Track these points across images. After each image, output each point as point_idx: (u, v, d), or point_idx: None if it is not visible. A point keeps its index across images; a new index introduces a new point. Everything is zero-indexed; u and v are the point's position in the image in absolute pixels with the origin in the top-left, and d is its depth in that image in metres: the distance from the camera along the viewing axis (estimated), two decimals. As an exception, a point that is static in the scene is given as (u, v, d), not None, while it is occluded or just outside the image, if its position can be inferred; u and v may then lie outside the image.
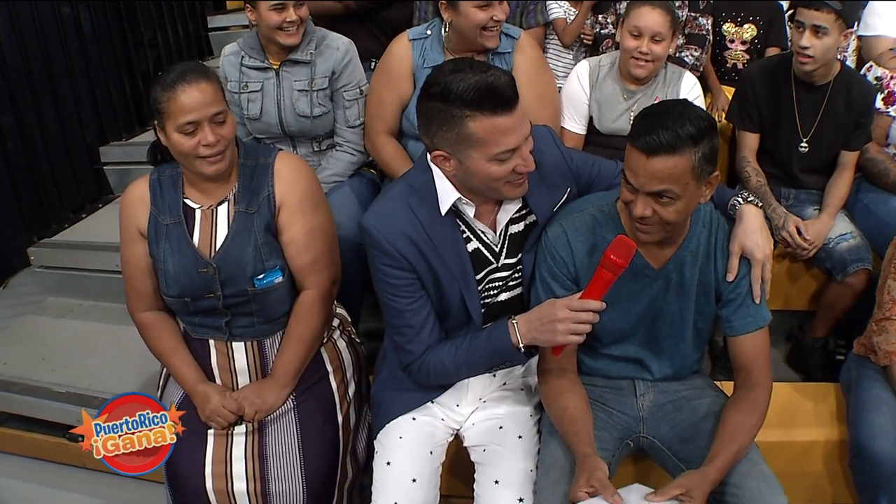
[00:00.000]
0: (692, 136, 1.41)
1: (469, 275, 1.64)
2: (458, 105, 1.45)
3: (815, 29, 2.22)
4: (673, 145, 1.40)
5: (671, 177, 1.42)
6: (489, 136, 1.46)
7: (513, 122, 1.47)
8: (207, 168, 1.71)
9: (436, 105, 1.48)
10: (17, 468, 2.57)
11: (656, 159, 1.41)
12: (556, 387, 1.66)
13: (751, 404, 1.60)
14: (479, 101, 1.44)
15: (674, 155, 1.41)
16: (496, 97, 1.44)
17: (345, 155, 2.42)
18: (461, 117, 1.46)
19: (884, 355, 1.92)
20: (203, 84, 1.66)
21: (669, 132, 1.40)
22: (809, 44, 2.24)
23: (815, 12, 2.21)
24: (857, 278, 2.25)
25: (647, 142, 1.41)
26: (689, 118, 1.42)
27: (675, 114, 1.43)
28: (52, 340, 2.83)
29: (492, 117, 1.45)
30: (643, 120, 1.45)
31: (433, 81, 1.49)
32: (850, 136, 2.40)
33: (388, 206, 1.63)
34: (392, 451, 1.73)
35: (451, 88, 1.45)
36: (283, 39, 2.27)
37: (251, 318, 1.84)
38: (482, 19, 2.18)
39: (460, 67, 1.48)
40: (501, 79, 1.46)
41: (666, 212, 1.46)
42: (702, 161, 1.43)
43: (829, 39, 2.23)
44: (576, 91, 2.46)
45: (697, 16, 2.81)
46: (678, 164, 1.41)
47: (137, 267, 1.83)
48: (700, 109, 1.48)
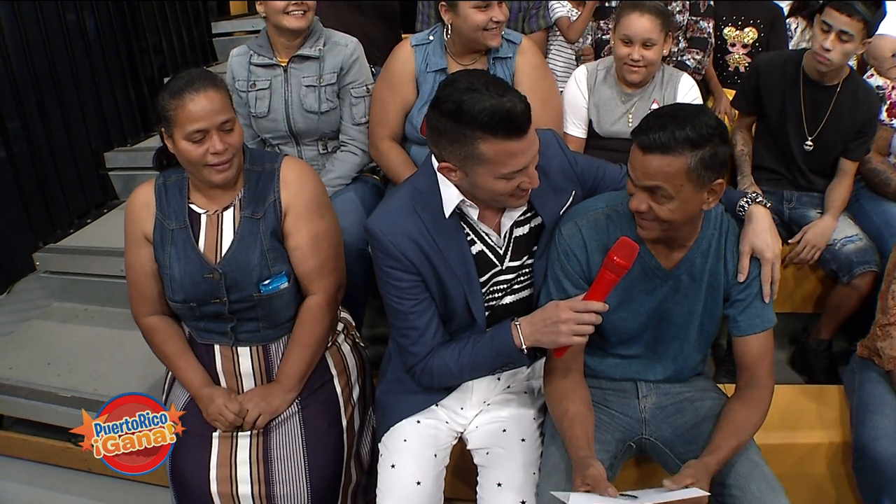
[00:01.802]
0: (689, 140, 1.42)
1: (473, 277, 1.65)
2: (470, 127, 1.45)
3: (840, 33, 2.23)
4: (667, 146, 1.42)
5: (662, 175, 1.44)
6: (499, 158, 1.47)
7: (524, 145, 1.47)
8: (215, 176, 1.72)
9: (447, 122, 1.47)
10: (22, 472, 2.58)
11: (650, 157, 1.44)
12: (559, 388, 1.66)
13: (755, 402, 1.61)
14: (493, 126, 1.43)
15: (666, 155, 1.43)
16: (511, 125, 1.44)
17: (349, 155, 2.42)
18: (473, 138, 1.46)
19: (888, 360, 1.92)
20: (211, 92, 1.67)
21: (666, 133, 1.42)
22: (832, 46, 2.25)
23: (845, 17, 2.21)
24: (864, 280, 2.25)
25: (644, 139, 1.44)
26: (693, 124, 1.43)
27: (681, 117, 1.45)
28: (58, 345, 2.84)
29: (504, 142, 1.45)
30: (649, 118, 1.48)
31: (446, 98, 1.47)
32: (850, 143, 2.41)
33: (392, 209, 1.64)
34: (396, 453, 1.73)
35: (465, 109, 1.43)
36: (290, 23, 2.26)
37: (256, 322, 1.84)
38: (481, 21, 2.19)
39: (475, 86, 1.45)
40: (518, 106, 1.44)
41: (661, 209, 1.48)
42: (699, 166, 1.44)
43: (851, 46, 2.25)
44: (575, 96, 2.48)
45: (699, 19, 2.81)
46: (671, 164, 1.43)
47: (142, 271, 1.83)
48: (713, 119, 1.49)
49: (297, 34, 2.32)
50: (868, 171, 2.49)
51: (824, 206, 2.44)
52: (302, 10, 2.27)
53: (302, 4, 2.26)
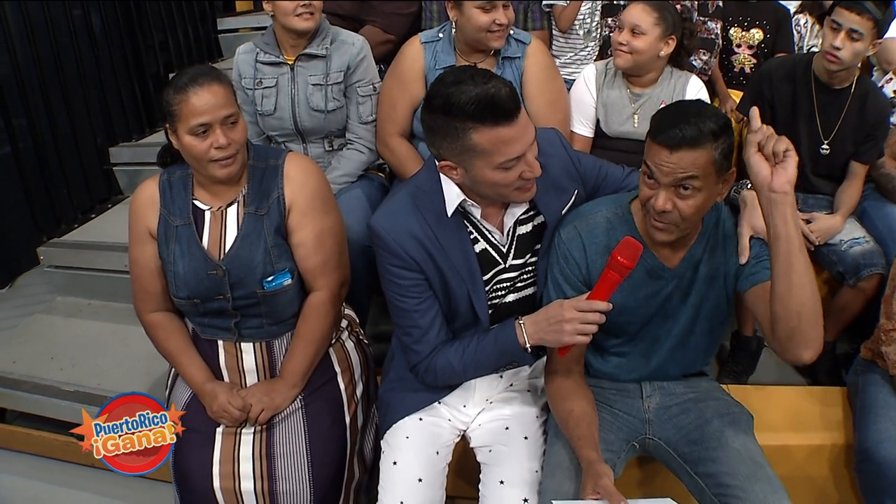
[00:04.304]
0: (713, 132, 1.43)
1: (476, 275, 1.65)
2: (460, 118, 1.45)
3: (850, 32, 2.22)
4: (696, 139, 1.42)
5: (695, 167, 1.44)
6: (493, 147, 1.47)
7: (515, 131, 1.47)
8: (219, 171, 1.72)
9: (438, 118, 1.49)
10: (25, 467, 2.59)
11: (680, 153, 1.43)
12: (562, 388, 1.66)
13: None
14: (480, 113, 1.44)
15: (696, 149, 1.43)
16: (497, 109, 1.44)
17: (355, 153, 2.42)
18: (464, 130, 1.46)
19: (893, 365, 1.92)
20: (215, 86, 1.67)
21: (692, 127, 1.42)
22: (842, 45, 2.24)
23: (855, 16, 2.21)
24: (870, 283, 2.25)
25: (671, 136, 1.43)
26: (709, 115, 1.45)
27: (695, 110, 1.46)
28: (61, 340, 2.84)
29: (494, 129, 1.45)
30: (665, 116, 1.47)
31: (435, 94, 1.49)
32: (861, 146, 2.40)
33: (396, 207, 1.64)
34: (399, 450, 1.73)
35: (453, 101, 1.45)
36: (299, 24, 2.26)
37: (260, 319, 1.85)
38: (485, 22, 2.19)
39: (461, 78, 1.47)
40: (502, 90, 1.45)
41: (686, 205, 1.47)
42: (721, 156, 1.45)
43: (861, 45, 2.24)
44: (583, 95, 2.47)
45: (707, 20, 2.81)
46: (700, 157, 1.43)
47: (146, 268, 1.84)
48: (716, 108, 1.51)
49: (305, 34, 2.32)
50: (880, 177, 2.48)
51: (834, 206, 2.44)
52: (310, 12, 2.27)
53: (310, 6, 2.26)
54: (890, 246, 2.29)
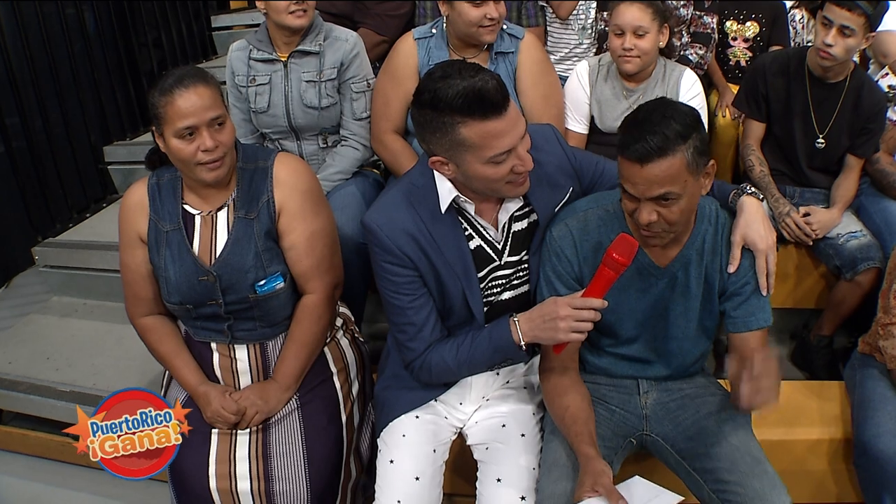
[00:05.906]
0: (680, 134, 1.41)
1: (471, 272, 1.64)
2: (448, 113, 1.44)
3: (842, 28, 2.21)
4: (664, 147, 1.40)
5: (669, 178, 1.41)
6: (482, 141, 1.45)
7: (504, 124, 1.45)
8: (207, 174, 1.70)
9: (427, 113, 1.47)
10: (22, 467, 2.58)
11: (651, 165, 1.40)
12: (557, 385, 1.66)
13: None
14: (468, 107, 1.43)
15: (667, 157, 1.40)
16: (485, 102, 1.43)
17: (349, 150, 2.41)
18: (453, 124, 1.45)
19: (890, 359, 1.92)
20: (201, 88, 1.65)
21: (658, 136, 1.39)
22: (834, 42, 2.23)
23: (846, 12, 2.19)
24: (867, 277, 2.25)
25: (638, 150, 1.40)
26: (673, 117, 1.42)
27: (658, 116, 1.42)
28: (57, 339, 2.84)
29: (483, 122, 1.44)
30: (629, 130, 1.45)
31: (423, 89, 1.48)
32: (857, 140, 2.40)
33: (389, 203, 1.63)
34: (395, 449, 1.73)
35: (440, 96, 1.44)
36: (292, 22, 2.25)
37: (253, 322, 1.84)
38: (476, 17, 2.18)
39: (448, 73, 1.46)
40: (489, 83, 1.43)
41: (670, 213, 1.46)
42: (694, 155, 1.43)
43: (853, 41, 2.23)
44: (576, 91, 2.46)
45: (702, 14, 2.80)
46: (673, 165, 1.41)
47: (137, 272, 1.82)
48: (681, 105, 1.48)
49: (298, 31, 2.31)
50: (876, 172, 2.47)
51: (830, 200, 2.44)
52: (303, 10, 2.26)
53: (303, 4, 2.25)
54: (887, 240, 2.29)
